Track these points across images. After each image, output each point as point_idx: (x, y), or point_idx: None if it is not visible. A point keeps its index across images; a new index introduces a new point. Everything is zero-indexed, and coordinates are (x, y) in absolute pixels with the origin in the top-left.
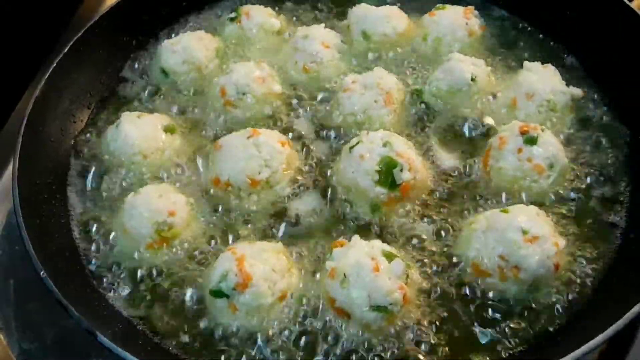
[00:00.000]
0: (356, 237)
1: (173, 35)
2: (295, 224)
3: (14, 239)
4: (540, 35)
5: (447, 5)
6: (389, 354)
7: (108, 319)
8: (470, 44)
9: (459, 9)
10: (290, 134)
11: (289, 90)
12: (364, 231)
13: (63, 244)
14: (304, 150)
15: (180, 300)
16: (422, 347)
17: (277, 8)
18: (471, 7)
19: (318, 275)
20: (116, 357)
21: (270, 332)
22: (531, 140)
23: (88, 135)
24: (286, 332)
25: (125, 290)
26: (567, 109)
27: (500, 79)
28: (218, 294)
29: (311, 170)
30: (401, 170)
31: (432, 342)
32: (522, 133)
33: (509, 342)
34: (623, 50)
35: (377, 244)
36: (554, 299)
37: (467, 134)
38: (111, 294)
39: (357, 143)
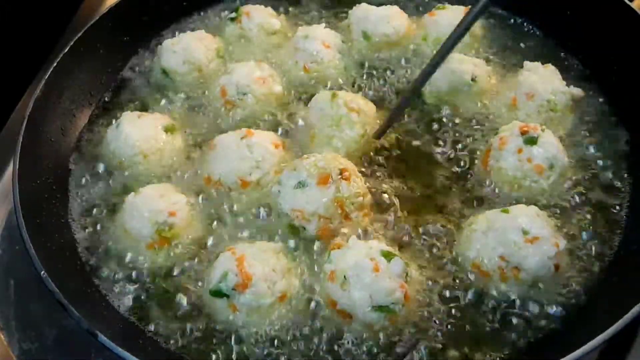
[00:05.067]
0: (354, 238)
1: (173, 35)
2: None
3: (14, 239)
4: (541, 36)
5: (447, 5)
6: (391, 353)
7: (108, 319)
8: (470, 44)
9: (459, 9)
10: (289, 135)
11: (289, 91)
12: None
13: (63, 244)
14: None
15: (180, 300)
16: (423, 345)
17: (277, 8)
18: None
19: (318, 276)
20: (116, 357)
21: (271, 333)
22: (531, 141)
23: (88, 135)
24: (287, 333)
25: (126, 290)
26: (567, 109)
27: (501, 79)
28: (218, 294)
29: None
30: None
31: (433, 340)
32: (522, 133)
33: (509, 342)
34: (623, 50)
35: (375, 244)
36: (554, 299)
37: (467, 135)
38: (111, 294)
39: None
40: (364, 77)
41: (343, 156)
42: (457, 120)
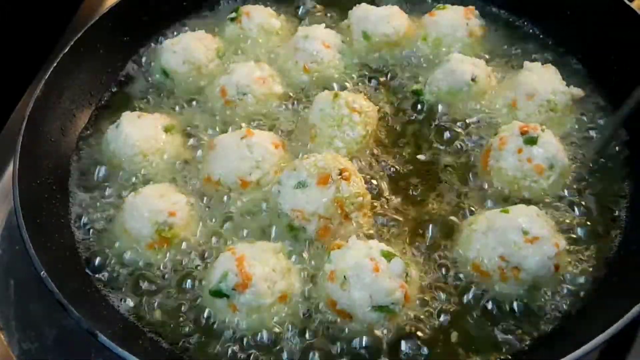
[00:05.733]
0: (353, 238)
1: (173, 35)
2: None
3: (14, 239)
4: (541, 36)
5: (448, 5)
6: (391, 352)
7: (108, 319)
8: (470, 45)
9: (459, 9)
10: (289, 135)
11: (289, 91)
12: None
13: (63, 244)
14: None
15: (180, 300)
16: (423, 345)
17: (277, 8)
18: (472, 7)
19: (318, 276)
20: (116, 357)
21: (271, 333)
22: (531, 141)
23: (88, 135)
24: (287, 333)
25: (126, 290)
26: (567, 109)
27: (501, 79)
28: (218, 294)
29: None
30: None
31: (433, 340)
32: (522, 133)
33: (509, 342)
34: (623, 51)
35: (375, 244)
36: (554, 299)
37: (466, 135)
38: (111, 294)
39: None
40: (364, 77)
41: (344, 156)
42: (456, 120)
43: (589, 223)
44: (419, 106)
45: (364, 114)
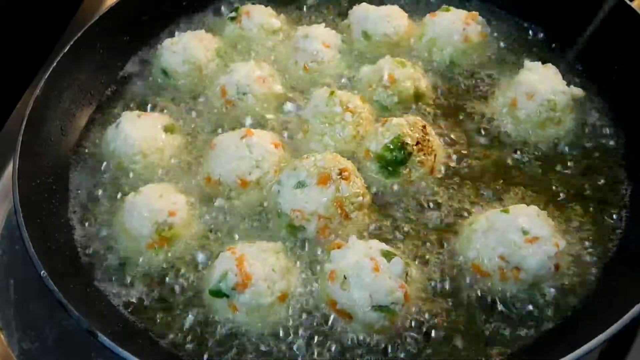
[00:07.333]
0: (353, 238)
1: (173, 35)
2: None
3: (14, 239)
4: (541, 35)
5: (452, 8)
6: (391, 352)
7: (108, 319)
8: (463, 50)
9: (461, 13)
10: (290, 135)
11: (289, 90)
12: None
13: (63, 244)
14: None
15: (180, 300)
16: (423, 344)
17: (277, 7)
18: (475, 13)
19: (318, 276)
20: (116, 357)
21: (271, 332)
22: None
23: (88, 135)
24: (286, 332)
25: (126, 290)
26: (567, 109)
27: (500, 79)
28: (217, 293)
29: None
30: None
31: (432, 340)
32: None
33: (509, 342)
34: (623, 51)
35: (375, 243)
36: (554, 299)
37: (465, 134)
38: (111, 294)
39: None
40: (364, 76)
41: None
42: (456, 120)
43: (588, 223)
44: (420, 105)
45: (357, 114)
